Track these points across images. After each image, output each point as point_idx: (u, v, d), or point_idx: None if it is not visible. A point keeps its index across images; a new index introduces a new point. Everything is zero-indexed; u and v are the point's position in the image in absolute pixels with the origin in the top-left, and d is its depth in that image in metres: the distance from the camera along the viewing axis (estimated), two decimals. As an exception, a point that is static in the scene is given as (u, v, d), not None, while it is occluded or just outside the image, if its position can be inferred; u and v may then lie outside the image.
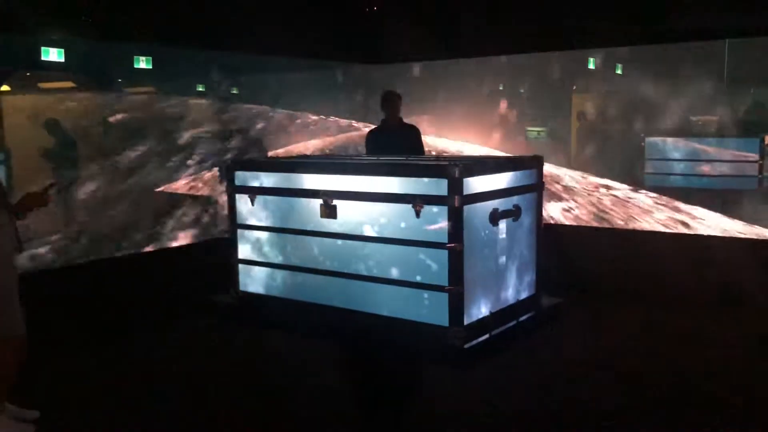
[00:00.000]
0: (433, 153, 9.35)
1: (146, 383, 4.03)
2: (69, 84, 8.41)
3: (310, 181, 4.57)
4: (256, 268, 4.92)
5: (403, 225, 4.16)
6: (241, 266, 4.99)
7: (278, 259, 4.79)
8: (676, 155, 12.63)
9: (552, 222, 7.56)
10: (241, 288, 4.99)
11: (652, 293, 5.36)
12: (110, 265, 6.05)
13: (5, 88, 7.98)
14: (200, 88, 10.29)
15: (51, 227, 6.90)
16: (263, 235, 4.86)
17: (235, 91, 11.14)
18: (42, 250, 6.77)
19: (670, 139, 12.66)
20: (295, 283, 4.73)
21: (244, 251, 4.97)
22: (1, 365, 3.59)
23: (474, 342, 4.11)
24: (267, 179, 4.79)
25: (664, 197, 10.01)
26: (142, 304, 5.37)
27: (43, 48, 7.82)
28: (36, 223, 6.59)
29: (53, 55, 7.97)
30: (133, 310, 5.29)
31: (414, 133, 5.91)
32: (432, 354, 4.12)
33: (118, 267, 5.99)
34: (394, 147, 5.54)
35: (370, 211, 4.31)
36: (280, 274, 4.81)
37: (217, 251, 5.26)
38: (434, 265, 4.07)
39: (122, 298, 5.40)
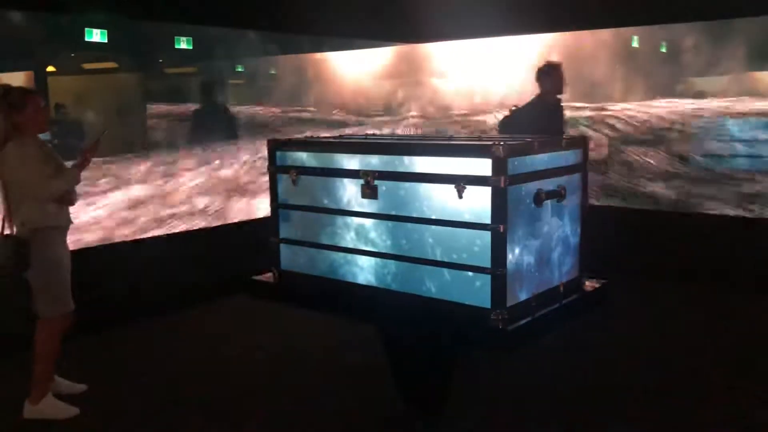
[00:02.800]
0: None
1: (182, 359, 4.10)
2: (112, 65, 8.51)
3: (352, 160, 4.55)
4: (298, 248, 4.94)
5: (445, 205, 4.12)
6: (282, 245, 5.02)
7: (319, 239, 4.80)
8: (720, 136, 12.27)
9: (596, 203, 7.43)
10: (283, 267, 5.02)
11: (700, 276, 5.24)
12: (153, 243, 6.15)
13: (51, 69, 8.12)
14: (239, 69, 10.30)
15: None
16: (304, 215, 4.87)
17: (273, 72, 11.12)
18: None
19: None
20: (336, 262, 4.74)
21: (285, 230, 4.99)
22: (54, 341, 3.70)
23: (516, 324, 4.07)
24: (308, 159, 4.79)
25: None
26: (184, 282, 5.46)
27: (86, 29, 7.91)
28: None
29: (96, 36, 8.07)
30: (176, 288, 5.39)
31: (562, 111, 5.44)
32: (474, 336, 4.08)
33: (161, 245, 6.09)
34: (551, 125, 4.99)
35: (411, 191, 4.28)
36: (321, 253, 4.81)
37: (261, 230, 5.30)
38: (477, 246, 4.03)
39: (165, 276, 5.50)
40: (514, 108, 5.34)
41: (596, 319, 4.46)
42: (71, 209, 3.86)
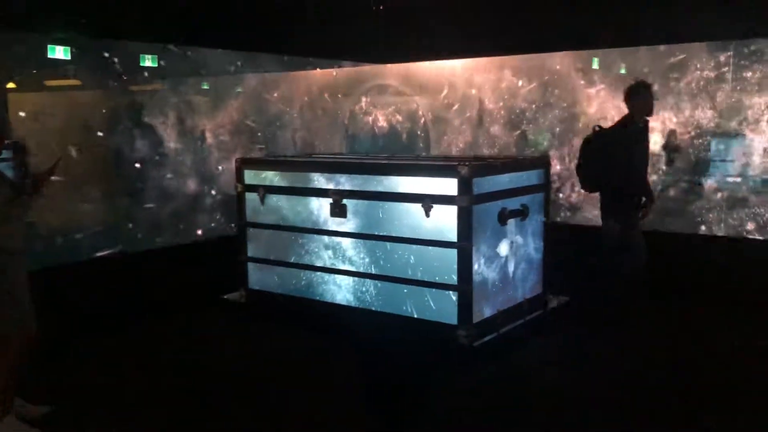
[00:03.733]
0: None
1: (150, 379, 4.07)
2: (75, 82, 8.43)
3: (320, 180, 4.61)
4: (265, 266, 4.96)
5: (412, 224, 4.21)
6: (250, 265, 5.03)
7: (287, 258, 4.83)
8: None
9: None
10: (251, 286, 5.03)
11: (662, 292, 5.39)
12: (122, 261, 6.08)
13: (11, 85, 8.00)
14: (205, 86, 10.30)
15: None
16: (272, 234, 4.90)
17: (239, 90, 11.13)
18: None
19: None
20: (305, 281, 4.77)
21: (253, 249, 5.01)
22: (12, 359, 3.64)
23: (482, 340, 4.16)
24: (276, 178, 4.83)
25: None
26: (153, 301, 5.41)
27: (49, 46, 7.84)
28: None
29: (59, 53, 8.00)
30: (146, 306, 5.34)
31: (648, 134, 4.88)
32: (441, 352, 4.16)
33: (131, 263, 6.03)
34: (641, 150, 4.68)
35: (379, 210, 4.35)
36: (288, 272, 4.85)
37: (228, 248, 5.30)
38: (444, 263, 4.12)
39: (136, 294, 5.44)
40: (597, 129, 4.89)
41: (560, 335, 4.57)
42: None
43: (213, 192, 7.79)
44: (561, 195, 6.92)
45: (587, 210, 6.89)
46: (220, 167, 7.71)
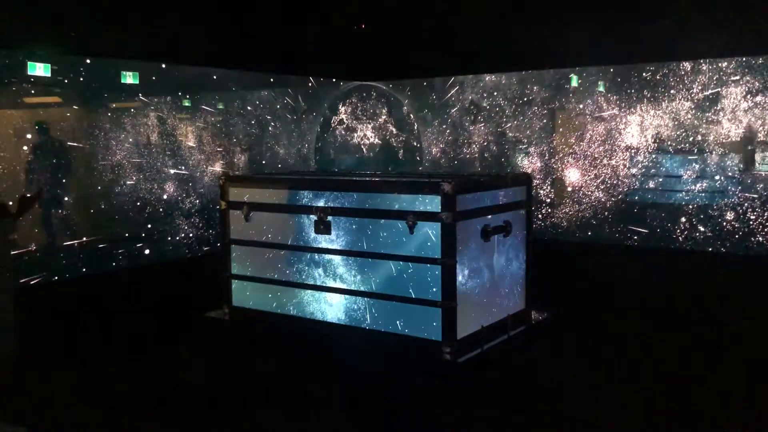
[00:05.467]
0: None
1: (128, 399, 4.03)
2: (55, 99, 8.38)
3: (305, 197, 4.62)
4: (249, 284, 4.95)
5: (396, 241, 4.23)
6: (234, 282, 5.01)
7: (271, 275, 4.82)
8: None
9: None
10: (234, 304, 5.02)
11: (643, 306, 5.46)
12: (103, 279, 6.04)
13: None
14: (186, 103, 10.30)
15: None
16: (256, 251, 4.90)
17: (220, 106, 11.15)
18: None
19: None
20: (289, 298, 4.77)
21: (236, 267, 5.00)
22: None
23: (467, 356, 4.18)
24: (261, 195, 4.84)
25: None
26: (135, 319, 5.36)
27: (29, 63, 7.81)
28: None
29: (40, 70, 7.98)
30: (127, 325, 5.29)
31: None
32: (425, 368, 4.17)
33: (112, 281, 5.98)
34: None
35: (363, 227, 4.37)
36: (273, 289, 4.84)
37: (212, 266, 5.28)
38: (428, 280, 4.14)
39: (116, 312, 5.39)
40: None
41: (543, 350, 4.60)
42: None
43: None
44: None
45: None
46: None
